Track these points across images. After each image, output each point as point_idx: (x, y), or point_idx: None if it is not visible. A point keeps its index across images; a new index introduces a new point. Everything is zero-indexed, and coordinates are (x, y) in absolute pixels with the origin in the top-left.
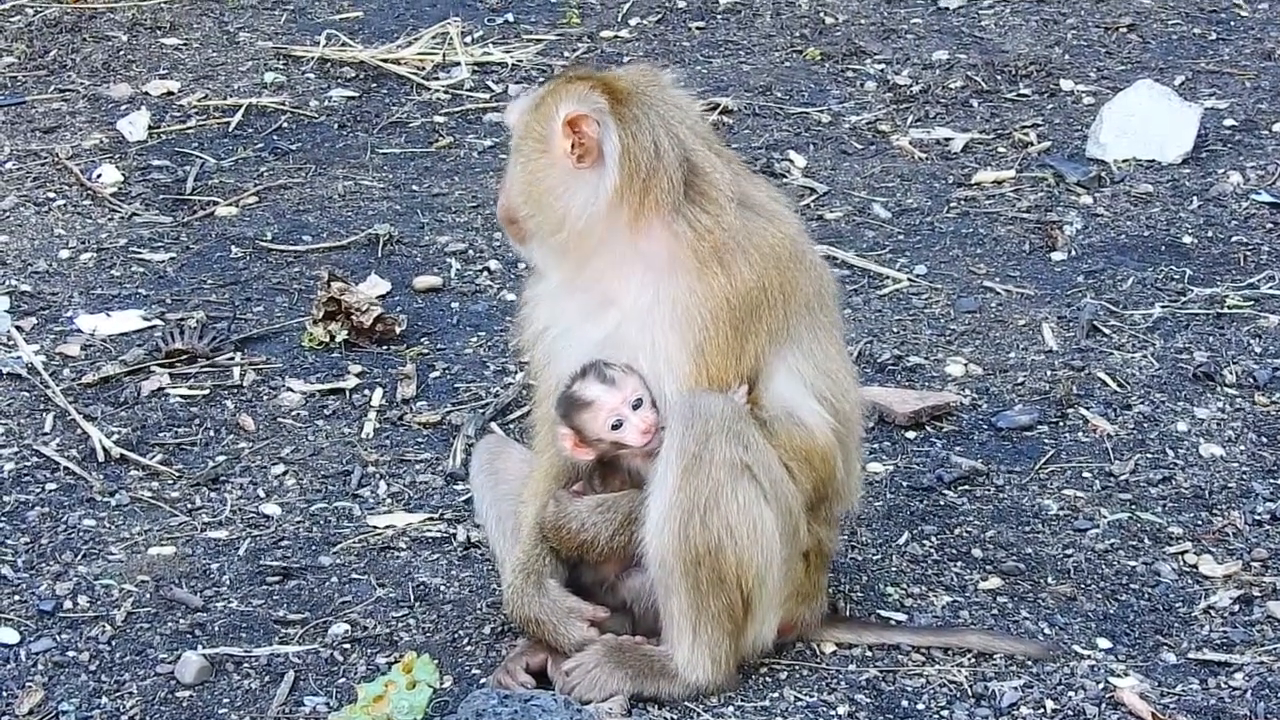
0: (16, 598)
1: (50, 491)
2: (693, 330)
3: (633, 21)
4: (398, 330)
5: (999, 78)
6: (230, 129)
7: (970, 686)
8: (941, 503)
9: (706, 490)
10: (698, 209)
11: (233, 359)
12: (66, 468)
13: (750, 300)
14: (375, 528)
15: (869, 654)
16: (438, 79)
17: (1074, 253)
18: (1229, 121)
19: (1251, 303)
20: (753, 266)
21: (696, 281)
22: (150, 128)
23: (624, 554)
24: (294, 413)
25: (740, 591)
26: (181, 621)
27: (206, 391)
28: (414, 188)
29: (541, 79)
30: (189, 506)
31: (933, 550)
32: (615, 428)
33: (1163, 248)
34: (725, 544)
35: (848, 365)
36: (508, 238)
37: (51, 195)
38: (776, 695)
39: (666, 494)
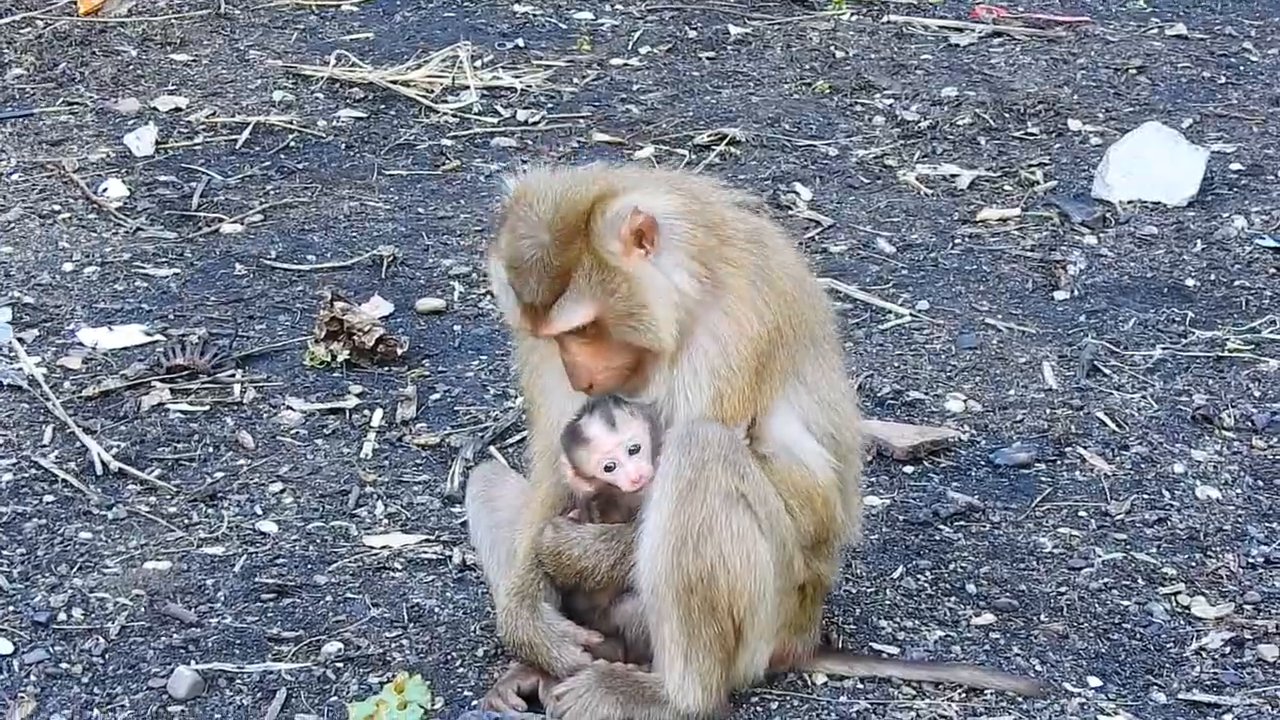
0: (11, 609)
1: (48, 503)
2: (722, 378)
3: (643, 50)
4: (399, 351)
5: (1007, 116)
6: (237, 146)
7: None
8: (937, 538)
9: (701, 517)
10: (729, 248)
11: (234, 376)
12: (65, 480)
13: (771, 342)
14: (371, 548)
15: (860, 686)
16: (446, 102)
17: (1077, 292)
18: (1235, 166)
19: (1252, 346)
20: (770, 306)
21: (737, 329)
22: (157, 143)
23: (623, 584)
24: (293, 431)
25: (732, 620)
26: (175, 636)
27: (207, 408)
28: (419, 210)
29: (551, 104)
30: (186, 522)
31: (927, 585)
32: (608, 469)
33: (1165, 289)
34: (718, 572)
35: (849, 393)
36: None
37: (57, 208)
38: None
39: (661, 520)
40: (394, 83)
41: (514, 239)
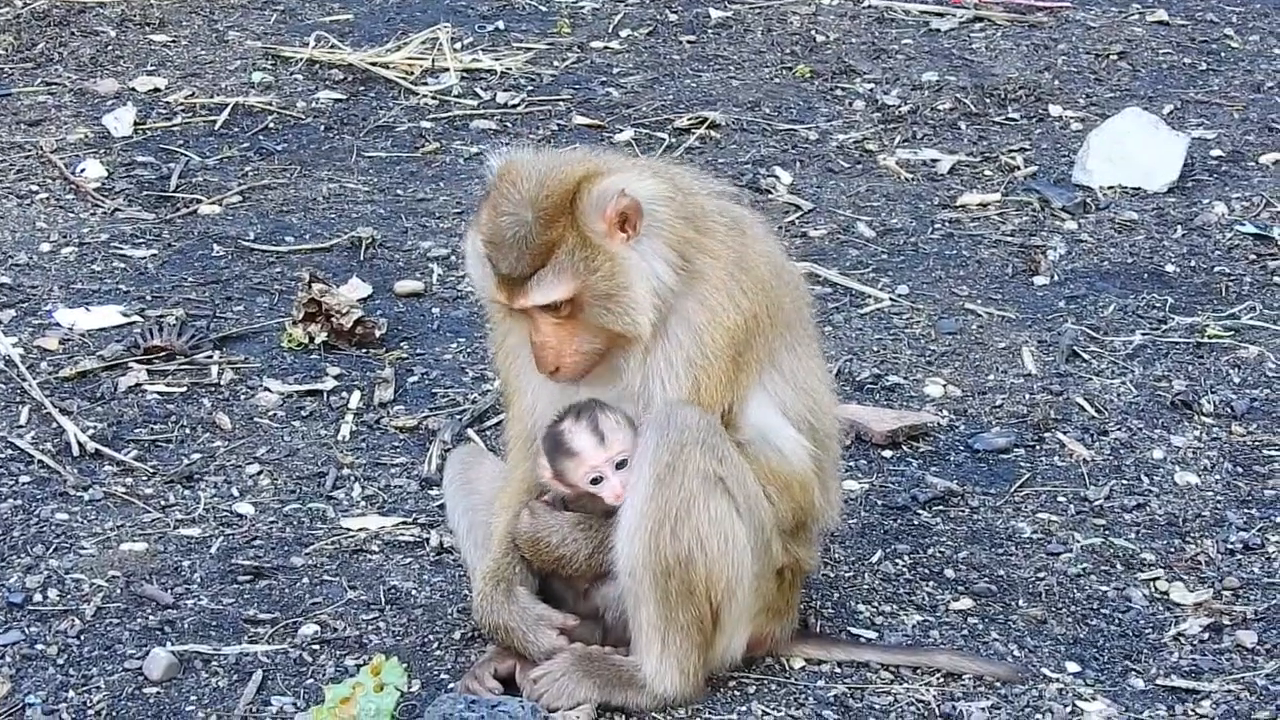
0: None
1: (23, 484)
2: (697, 366)
3: (623, 33)
4: (377, 334)
5: (988, 101)
6: (216, 128)
7: (938, 706)
8: (915, 522)
9: (678, 501)
10: (708, 238)
11: (211, 357)
12: (41, 461)
13: (749, 329)
14: (348, 530)
15: (838, 670)
16: (426, 84)
17: (1056, 278)
18: (1216, 152)
19: (1232, 333)
20: (748, 295)
21: (712, 318)
22: (136, 124)
23: (601, 571)
24: (271, 413)
25: (710, 604)
26: (151, 618)
27: (184, 389)
28: (399, 192)
29: (530, 87)
30: (162, 503)
31: (905, 569)
32: (594, 482)
33: (1145, 275)
34: (695, 556)
35: (825, 379)
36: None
37: (34, 189)
38: (744, 709)
39: (638, 503)
40: (373, 65)
41: (496, 215)
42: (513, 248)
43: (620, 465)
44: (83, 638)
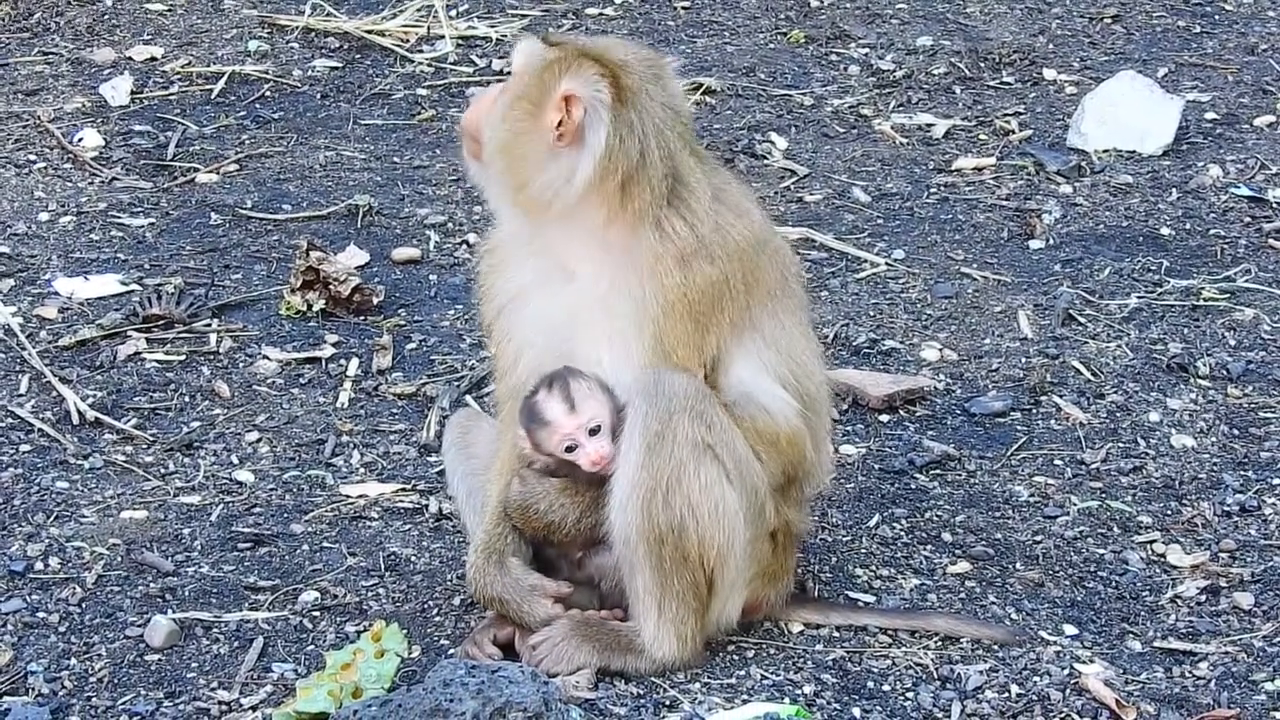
0: None
1: (24, 453)
2: (648, 323)
3: None
4: (375, 301)
5: (982, 65)
6: (213, 96)
7: (936, 669)
8: (912, 486)
9: (669, 469)
10: (676, 218)
11: (209, 325)
12: (41, 430)
13: (711, 293)
14: (348, 497)
15: (836, 634)
16: (421, 52)
17: (1052, 241)
18: (1210, 115)
19: (1227, 295)
20: (715, 263)
21: (649, 278)
22: (133, 93)
23: (590, 536)
24: (269, 380)
25: (704, 570)
26: (152, 585)
27: (183, 357)
28: (395, 159)
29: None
30: (162, 471)
31: (902, 533)
32: (569, 450)
33: (1140, 239)
34: (688, 523)
35: (813, 347)
36: (464, 150)
37: (32, 158)
38: (743, 673)
39: (630, 472)
40: (369, 32)
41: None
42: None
43: (594, 431)
44: (84, 605)
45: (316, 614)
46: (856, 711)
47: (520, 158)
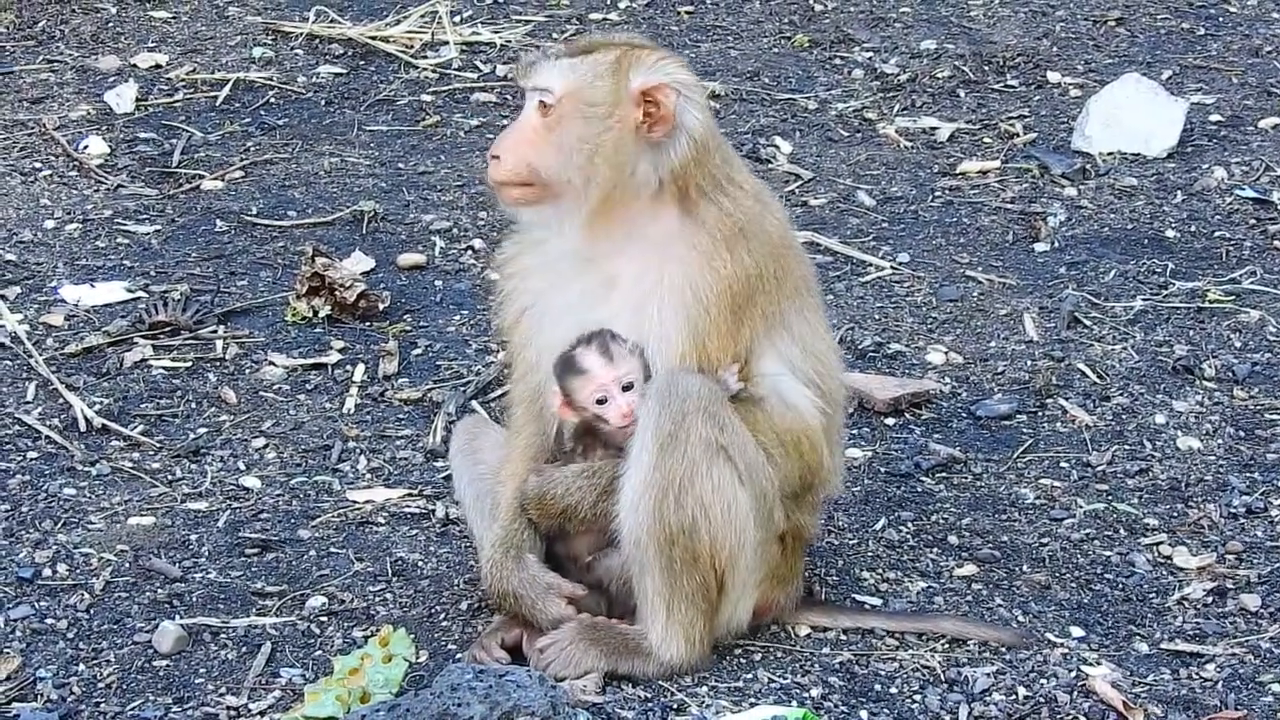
0: None
1: (31, 460)
2: (694, 314)
3: (622, 4)
4: (381, 307)
5: (986, 68)
6: (217, 103)
7: (943, 672)
8: (919, 489)
9: (681, 469)
10: (725, 195)
11: (215, 332)
12: (48, 436)
13: (750, 286)
14: (354, 502)
15: (843, 637)
16: (426, 58)
17: (1057, 244)
18: (1215, 117)
19: (1232, 298)
20: (753, 253)
21: (706, 266)
22: (137, 100)
23: (605, 522)
24: (276, 387)
25: (714, 572)
26: (160, 591)
27: (189, 364)
28: (400, 165)
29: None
30: (169, 477)
31: (909, 536)
32: (600, 403)
33: (1145, 241)
34: (699, 524)
35: (833, 347)
36: (502, 200)
37: (38, 165)
38: (750, 676)
39: (642, 472)
40: (373, 39)
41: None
42: (579, 40)
43: (627, 388)
44: (92, 611)
45: (324, 619)
46: (864, 714)
47: (603, 160)
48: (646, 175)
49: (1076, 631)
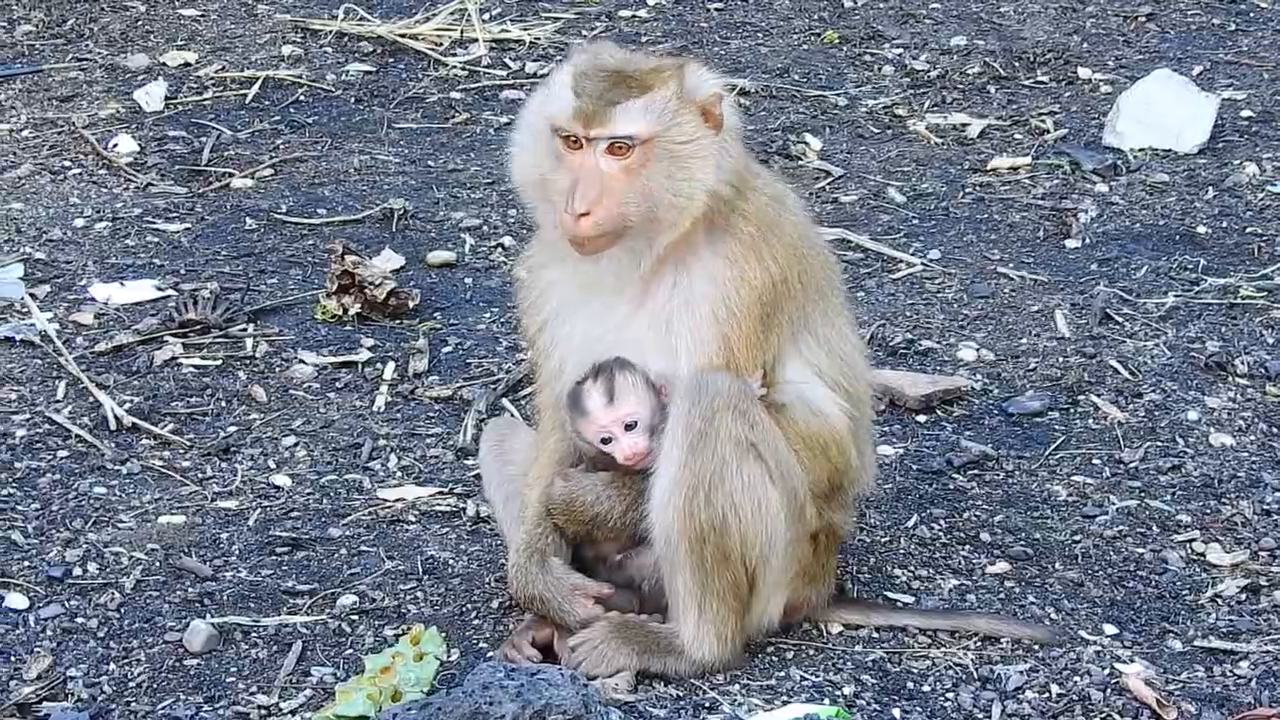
0: (26, 564)
1: (61, 459)
2: (725, 325)
3: (651, 1)
4: (411, 305)
5: (1017, 64)
6: (247, 101)
7: (976, 669)
8: (951, 486)
9: (712, 467)
10: (745, 200)
11: (245, 330)
12: (78, 435)
13: (777, 292)
14: (385, 501)
15: (875, 635)
16: (455, 55)
17: (1088, 240)
18: (1246, 112)
19: (1265, 294)
20: (777, 258)
21: (736, 276)
22: (167, 98)
23: (633, 531)
24: (306, 385)
25: (745, 569)
26: (190, 590)
27: (219, 362)
28: (430, 163)
29: (559, 57)
30: (199, 476)
31: (941, 533)
32: (604, 442)
33: (1177, 237)
34: (730, 521)
35: (859, 346)
36: (582, 251)
37: (67, 164)
38: (783, 674)
39: (672, 470)
40: (402, 36)
41: (598, 53)
42: (612, 76)
43: (630, 427)
44: (123, 610)
45: (355, 618)
46: (896, 712)
47: (704, 188)
48: (728, 165)
49: (1109, 629)
